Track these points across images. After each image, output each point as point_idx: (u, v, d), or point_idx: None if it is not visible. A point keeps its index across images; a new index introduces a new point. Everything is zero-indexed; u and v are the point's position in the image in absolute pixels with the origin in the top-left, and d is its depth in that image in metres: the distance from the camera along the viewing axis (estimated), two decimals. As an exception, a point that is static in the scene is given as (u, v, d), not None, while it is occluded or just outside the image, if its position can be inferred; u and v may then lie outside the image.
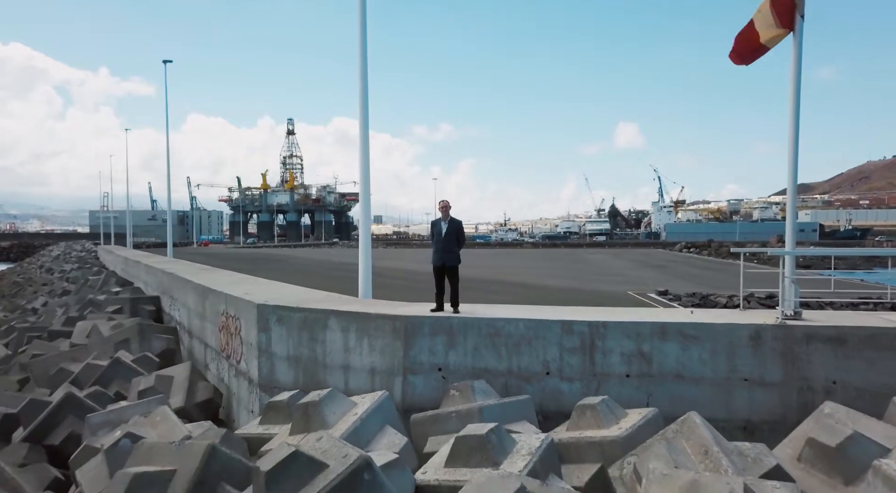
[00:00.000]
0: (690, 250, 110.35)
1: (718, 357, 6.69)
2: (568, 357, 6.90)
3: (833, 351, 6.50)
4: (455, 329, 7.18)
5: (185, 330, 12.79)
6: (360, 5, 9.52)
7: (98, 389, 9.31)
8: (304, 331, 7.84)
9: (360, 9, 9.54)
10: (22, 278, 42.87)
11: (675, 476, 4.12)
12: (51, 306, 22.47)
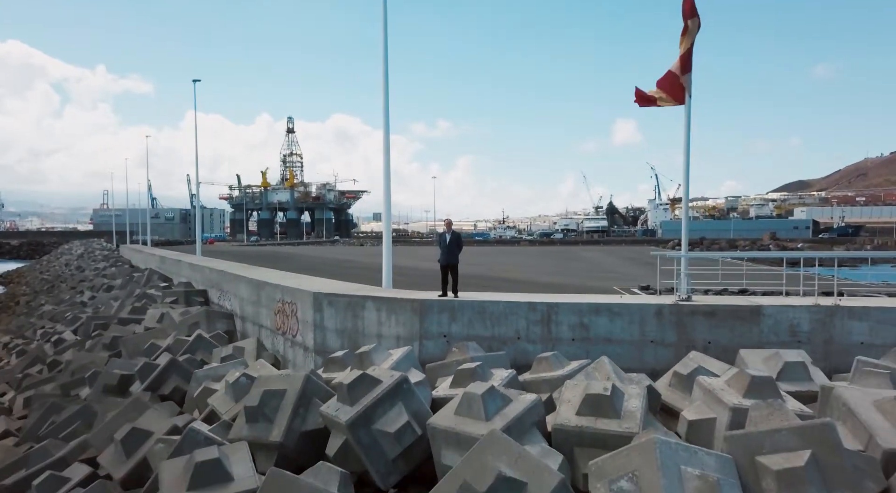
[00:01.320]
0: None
1: (634, 326, 9.94)
2: (532, 327, 10.15)
3: (708, 321, 9.76)
4: (455, 308, 10.43)
5: (238, 315, 16.06)
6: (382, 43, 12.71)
7: (189, 356, 12.58)
8: (348, 311, 11.10)
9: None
10: (49, 275, 46.11)
11: (579, 384, 7.36)
12: (101, 299, 25.75)
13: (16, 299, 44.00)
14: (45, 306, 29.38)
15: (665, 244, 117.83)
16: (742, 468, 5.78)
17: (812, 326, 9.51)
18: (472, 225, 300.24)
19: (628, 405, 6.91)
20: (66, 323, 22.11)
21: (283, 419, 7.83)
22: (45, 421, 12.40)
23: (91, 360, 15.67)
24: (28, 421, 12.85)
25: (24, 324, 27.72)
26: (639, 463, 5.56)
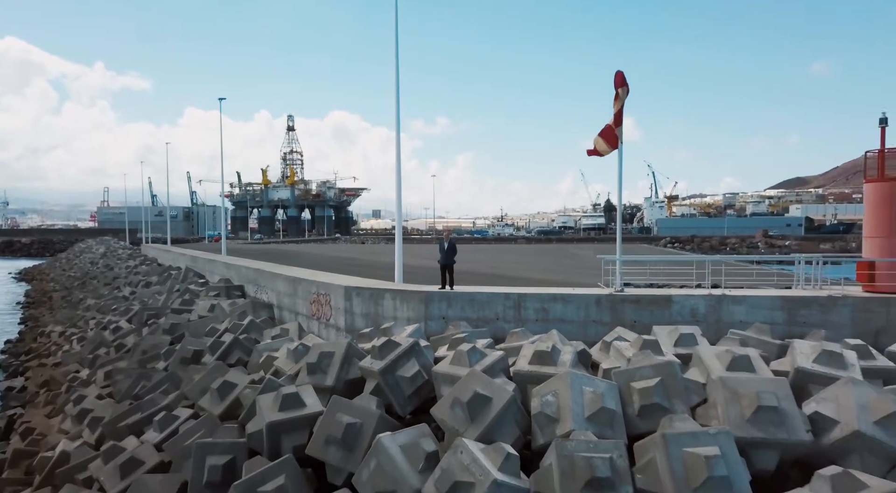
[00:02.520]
0: (674, 244, 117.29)
1: (581, 310, 13.73)
2: (507, 311, 13.96)
3: (634, 306, 13.55)
4: (451, 298, 14.23)
5: (276, 306, 19.90)
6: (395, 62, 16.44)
7: (246, 335, 16.42)
8: (370, 300, 14.92)
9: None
10: (77, 272, 49.95)
11: (531, 345, 11.19)
12: (142, 294, 29.57)
13: (48, 294, 47.87)
14: (88, 301, 33.21)
15: (657, 242, 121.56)
16: (622, 390, 9.61)
17: (706, 309, 13.34)
18: (471, 222, 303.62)
19: (562, 358, 10.73)
20: (119, 314, 25.95)
21: (333, 371, 11.65)
22: (137, 385, 16.26)
23: (155, 343, 19.51)
24: (120, 386, 16.69)
25: (72, 316, 31.55)
26: (558, 385, 9.40)
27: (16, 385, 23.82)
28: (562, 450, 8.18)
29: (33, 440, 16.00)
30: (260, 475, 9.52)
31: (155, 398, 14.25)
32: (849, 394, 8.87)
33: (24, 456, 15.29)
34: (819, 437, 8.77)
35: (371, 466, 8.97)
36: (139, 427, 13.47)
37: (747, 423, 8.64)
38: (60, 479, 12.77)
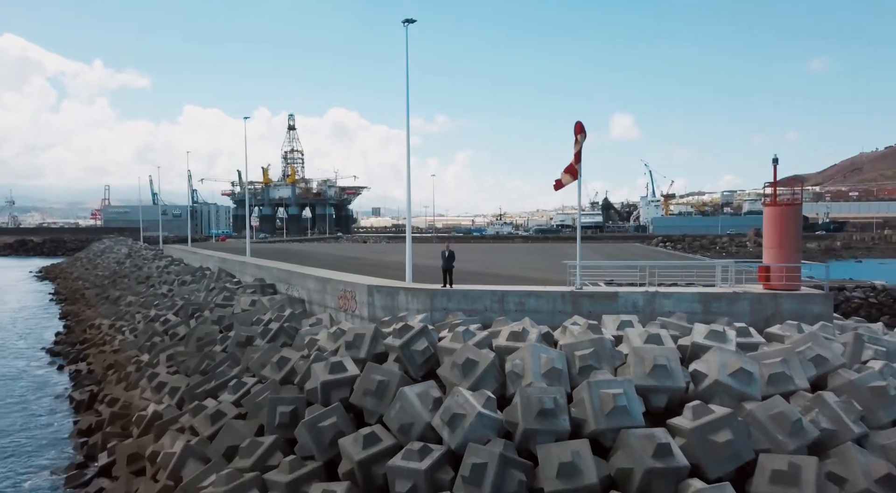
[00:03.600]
0: (666, 244, 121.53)
1: (549, 303, 18.16)
2: (493, 304, 18.40)
3: (590, 300, 17.98)
4: (451, 294, 18.67)
5: (307, 301, 24.35)
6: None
7: (289, 324, 20.87)
8: (388, 295, 19.36)
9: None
10: (105, 271, 54.38)
11: (508, 328, 15.63)
12: (179, 292, 34.01)
13: (79, 292, 52.31)
14: (128, 297, 37.68)
15: (650, 241, 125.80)
16: (568, 357, 14.06)
17: (644, 302, 17.78)
18: (470, 221, 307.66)
19: (529, 337, 15.18)
20: (166, 309, 30.41)
21: (364, 346, 16.09)
22: (202, 363, 20.72)
23: (207, 331, 23.96)
24: (188, 364, 21.14)
25: (116, 311, 36.02)
26: (524, 354, 13.85)
27: (82, 369, 28.33)
28: (523, 393, 12.64)
29: (123, 405, 20.47)
30: (319, 416, 13.96)
31: (224, 371, 18.72)
32: (716, 357, 13.34)
33: (119, 417, 19.76)
34: (696, 385, 13.25)
35: (396, 408, 13.43)
36: (215, 392, 17.94)
37: (647, 376, 13.11)
38: (158, 429, 17.24)
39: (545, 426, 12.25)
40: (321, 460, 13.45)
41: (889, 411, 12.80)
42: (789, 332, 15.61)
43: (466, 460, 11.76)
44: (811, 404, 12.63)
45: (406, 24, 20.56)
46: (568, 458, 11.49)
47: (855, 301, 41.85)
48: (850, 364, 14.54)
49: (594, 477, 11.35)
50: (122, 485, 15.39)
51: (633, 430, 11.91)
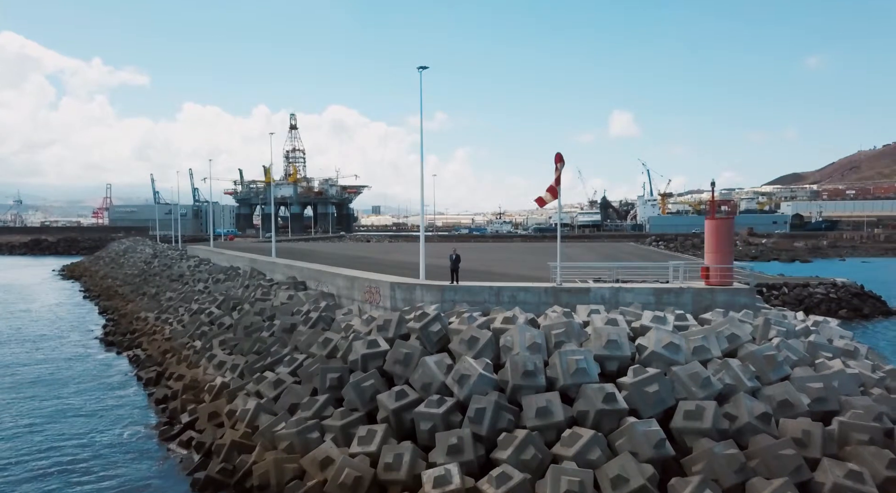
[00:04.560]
0: (658, 243, 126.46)
1: (536, 296, 23.13)
2: (491, 297, 23.38)
3: (567, 294, 22.94)
4: (457, 289, 23.65)
5: (336, 295, 29.32)
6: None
7: (325, 313, 25.84)
8: (407, 290, 24.35)
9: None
10: (134, 270, 59.35)
11: (502, 314, 20.60)
12: (215, 288, 38.95)
13: (112, 289, 57.25)
14: (167, 293, 42.64)
15: (644, 240, 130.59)
16: (546, 335, 19.04)
17: (610, 295, 22.73)
18: (469, 219, 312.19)
19: (518, 321, 20.16)
20: (208, 303, 35.37)
21: (392, 328, 21.05)
22: (254, 346, 25.69)
23: (252, 321, 28.92)
24: (242, 346, 26.11)
25: (158, 306, 40.98)
26: (514, 332, 18.84)
27: (139, 354, 33.29)
28: (512, 360, 17.62)
29: (191, 379, 25.45)
30: (361, 379, 18.93)
31: (277, 350, 23.71)
32: (654, 335, 18.33)
33: (190, 388, 24.74)
34: (639, 355, 18.24)
35: (419, 372, 18.41)
36: (271, 366, 22.94)
37: (603, 348, 18.10)
38: (229, 394, 22.23)
39: (528, 382, 17.24)
40: (363, 411, 18.43)
41: (777, 372, 17.79)
42: (716, 317, 20.62)
43: (471, 406, 16.74)
44: (720, 367, 17.63)
45: (421, 71, 25.45)
46: (543, 404, 16.48)
47: (817, 296, 46.73)
48: (759, 340, 19.56)
49: (561, 417, 16.34)
50: (208, 434, 20.35)
51: (590, 384, 16.91)
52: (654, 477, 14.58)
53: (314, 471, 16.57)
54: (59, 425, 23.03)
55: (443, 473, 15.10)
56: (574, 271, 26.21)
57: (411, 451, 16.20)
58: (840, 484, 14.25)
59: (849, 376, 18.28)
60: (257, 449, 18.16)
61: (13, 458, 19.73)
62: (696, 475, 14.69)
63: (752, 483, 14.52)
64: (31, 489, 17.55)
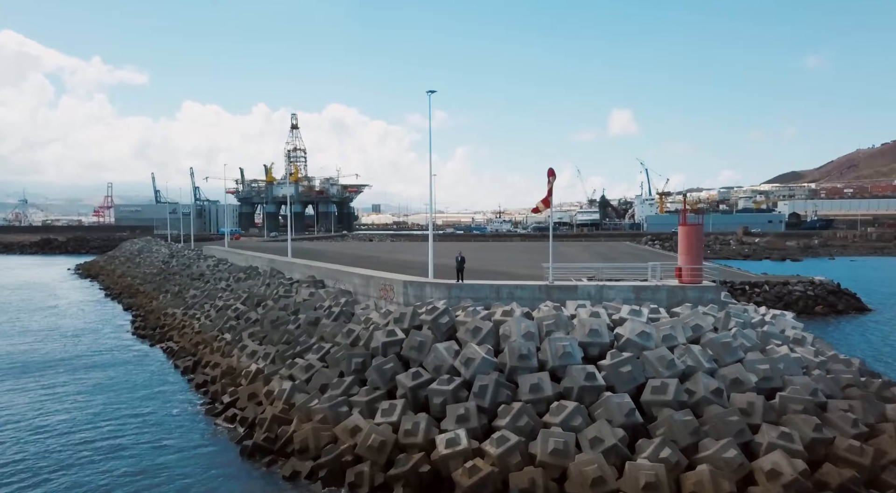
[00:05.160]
0: (654, 242, 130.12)
1: (530, 293, 26.67)
2: (491, 294, 26.93)
3: (558, 291, 26.49)
4: (462, 286, 27.22)
5: (353, 292, 32.87)
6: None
7: (346, 308, 29.39)
8: (418, 287, 27.91)
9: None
10: (153, 269, 62.86)
11: (501, 309, 24.15)
12: (237, 287, 42.49)
13: (132, 287, 60.76)
14: (191, 291, 46.18)
15: (639, 239, 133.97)
16: (539, 325, 22.59)
17: (595, 291, 26.27)
18: (469, 218, 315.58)
19: (515, 314, 23.71)
20: (233, 299, 38.91)
21: (407, 320, 24.59)
22: (283, 337, 29.25)
23: (278, 315, 32.47)
24: (272, 337, 29.65)
25: (183, 302, 44.50)
26: (511, 323, 22.40)
27: (172, 346, 36.82)
28: (510, 346, 21.17)
29: (227, 366, 28.99)
30: (382, 362, 22.47)
31: (305, 340, 27.26)
32: (629, 325, 21.89)
33: (227, 374, 28.29)
34: (617, 342, 21.79)
35: (431, 356, 21.96)
36: (301, 354, 26.49)
37: (586, 336, 21.66)
38: (265, 378, 25.78)
39: (523, 364, 20.80)
40: (385, 389, 21.96)
41: (731, 356, 21.35)
42: (685, 310, 24.18)
43: (476, 384, 20.29)
44: (683, 352, 21.19)
45: (429, 94, 28.97)
46: (535, 382, 20.03)
47: (796, 294, 50.27)
48: (720, 330, 23.11)
49: (550, 392, 19.88)
50: (250, 411, 23.89)
51: (574, 366, 20.47)
52: (624, 438, 18.14)
53: (346, 438, 20.11)
54: (114, 404, 26.57)
55: (453, 437, 18.66)
56: (566, 271, 29.75)
57: (426, 420, 19.73)
58: (773, 443, 17.79)
59: (793, 359, 21.85)
60: (295, 422, 21.70)
61: (77, 431, 23.24)
62: (658, 437, 18.24)
63: (703, 443, 18.08)
64: (98, 455, 21.05)
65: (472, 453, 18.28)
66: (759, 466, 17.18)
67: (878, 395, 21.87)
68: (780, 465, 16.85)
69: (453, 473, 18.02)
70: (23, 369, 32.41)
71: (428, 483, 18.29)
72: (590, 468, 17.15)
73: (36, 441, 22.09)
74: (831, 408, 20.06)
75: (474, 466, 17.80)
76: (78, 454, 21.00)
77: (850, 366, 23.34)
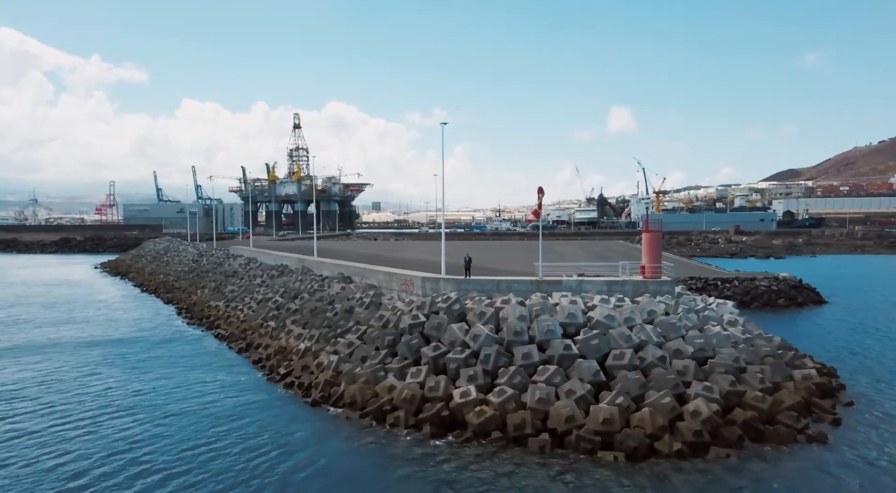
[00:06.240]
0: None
1: (524, 286, 33.75)
2: (493, 287, 34.04)
3: (547, 284, 33.58)
4: (470, 281, 34.34)
5: (377, 286, 39.97)
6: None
7: (374, 299, 36.50)
8: (434, 282, 35.03)
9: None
10: (184, 267, 69.88)
11: (500, 298, 31.25)
12: (272, 283, 49.59)
13: (167, 284, 67.79)
14: (229, 286, 53.27)
15: (633, 238, 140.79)
16: (530, 310, 29.70)
17: (575, 285, 33.36)
18: (469, 216, 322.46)
19: (512, 302, 30.81)
20: (272, 293, 45.98)
21: (427, 307, 31.69)
22: (323, 322, 36.36)
23: (316, 305, 39.58)
24: (313, 322, 36.77)
25: (224, 296, 51.58)
26: (508, 309, 29.52)
27: (222, 332, 43.91)
28: (507, 325, 28.29)
29: (278, 346, 36.07)
30: (409, 339, 29.56)
31: (343, 324, 34.36)
32: (599, 310, 29.01)
33: (278, 352, 35.39)
34: (589, 322, 28.90)
35: (447, 334, 29.08)
36: (342, 335, 33.57)
37: (565, 318, 28.77)
38: (314, 354, 32.89)
39: (517, 339, 27.91)
40: (412, 359, 29.03)
41: (675, 333, 28.46)
42: (644, 299, 31.28)
43: (481, 353, 27.39)
44: (639, 330, 28.29)
45: (442, 126, 35.98)
46: (526, 351, 27.13)
47: (761, 288, 57.36)
48: (671, 314, 30.20)
49: (537, 359, 26.99)
50: (305, 378, 30.96)
51: (556, 340, 27.57)
52: (590, 391, 25.24)
53: (384, 394, 27.21)
54: (192, 372, 33.64)
55: (465, 390, 25.76)
56: (555, 268, 36.83)
57: (445, 380, 26.82)
58: (698, 393, 24.89)
59: (724, 336, 29.00)
60: (343, 384, 28.80)
61: (171, 393, 30.27)
62: (615, 390, 25.33)
63: (647, 394, 25.18)
64: (190, 410, 28.06)
65: (479, 401, 25.38)
66: (685, 408, 24.31)
67: (788, 363, 29.11)
68: (700, 407, 23.98)
69: (466, 416, 25.13)
70: (108, 348, 39.50)
71: (447, 424, 25.37)
72: (564, 410, 24.27)
73: (145, 398, 29.15)
74: (749, 371, 27.23)
75: (481, 410, 24.92)
76: (177, 408, 28.03)
77: (772, 342, 30.55)
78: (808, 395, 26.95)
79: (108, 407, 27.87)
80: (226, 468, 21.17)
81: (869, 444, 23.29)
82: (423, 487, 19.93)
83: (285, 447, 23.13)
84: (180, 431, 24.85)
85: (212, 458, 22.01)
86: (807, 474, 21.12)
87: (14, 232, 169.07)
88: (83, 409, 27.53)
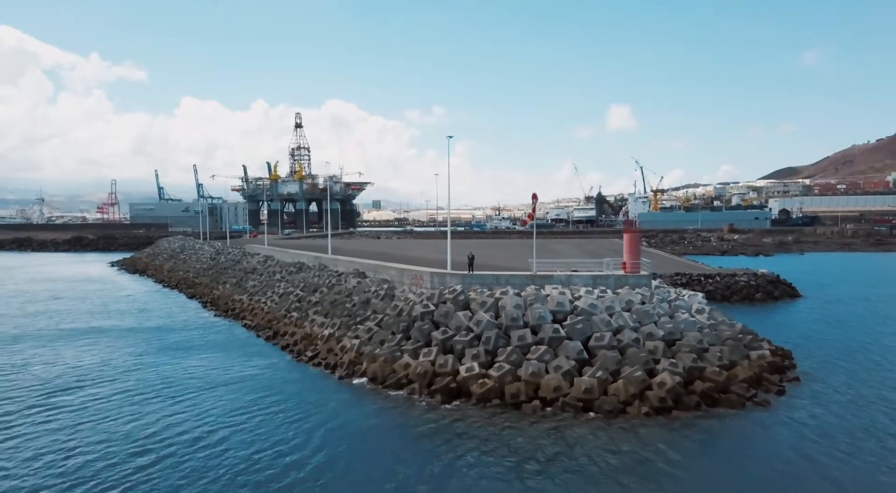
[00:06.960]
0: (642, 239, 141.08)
1: (521, 280, 38.86)
2: (493, 281, 39.16)
3: (541, 278, 38.69)
4: (473, 276, 39.46)
5: (389, 280, 45.10)
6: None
7: (388, 291, 41.62)
8: (441, 277, 40.16)
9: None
10: (203, 265, 74.95)
11: (500, 290, 36.38)
12: (291, 279, 54.72)
13: (188, 280, 72.88)
14: (250, 282, 58.36)
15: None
16: (525, 300, 34.84)
17: (565, 279, 38.48)
18: (469, 215, 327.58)
19: (510, 293, 35.95)
20: (292, 287, 51.09)
21: (436, 298, 36.82)
22: (343, 312, 41.53)
23: (335, 297, 44.74)
24: (334, 312, 41.92)
25: (246, 290, 56.70)
26: (506, 299, 34.66)
27: (248, 323, 49.03)
28: (505, 311, 33.45)
29: (304, 333, 41.20)
30: (421, 325, 34.69)
31: (362, 313, 39.48)
32: (584, 299, 34.15)
33: (304, 339, 40.50)
34: (575, 310, 34.05)
35: (454, 320, 34.23)
36: (361, 322, 38.70)
37: (555, 306, 33.91)
38: (337, 339, 38.03)
39: (514, 324, 33.04)
40: (423, 342, 34.16)
41: (649, 319, 33.61)
42: (624, 291, 36.42)
43: (483, 336, 32.51)
44: (618, 316, 33.44)
45: (449, 139, 41.05)
46: (522, 334, 32.27)
47: (741, 283, 62.53)
48: (646, 303, 35.32)
49: (531, 341, 32.13)
50: (331, 359, 36.07)
51: (546, 324, 32.70)
52: (575, 366, 30.38)
53: (401, 370, 32.33)
54: (228, 355, 38.72)
55: (470, 366, 30.89)
56: (547, 264, 41.96)
57: (452, 358, 31.95)
58: (665, 369, 30.02)
59: (691, 322, 34.16)
60: (365, 363, 33.94)
61: (213, 374, 35.34)
62: (596, 365, 30.45)
63: (623, 369, 30.31)
64: (234, 385, 33.14)
65: (481, 375, 30.52)
66: (654, 380, 29.46)
67: (746, 345, 34.28)
68: (665, 379, 29.14)
69: (471, 387, 30.26)
70: (148, 335, 44.61)
71: (455, 394, 30.49)
72: (553, 381, 29.41)
73: (195, 373, 34.25)
74: (710, 351, 32.39)
75: (483, 382, 30.06)
76: (224, 382, 33.12)
77: (734, 327, 35.74)
78: (759, 371, 32.11)
79: (166, 382, 33.00)
80: (274, 428, 26.29)
81: (802, 409, 28.47)
82: (438, 439, 25.04)
83: (322, 411, 28.28)
84: (232, 402, 29.93)
85: (261, 421, 27.11)
86: (749, 430, 26.27)
87: (26, 231, 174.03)
88: (144, 385, 32.64)
